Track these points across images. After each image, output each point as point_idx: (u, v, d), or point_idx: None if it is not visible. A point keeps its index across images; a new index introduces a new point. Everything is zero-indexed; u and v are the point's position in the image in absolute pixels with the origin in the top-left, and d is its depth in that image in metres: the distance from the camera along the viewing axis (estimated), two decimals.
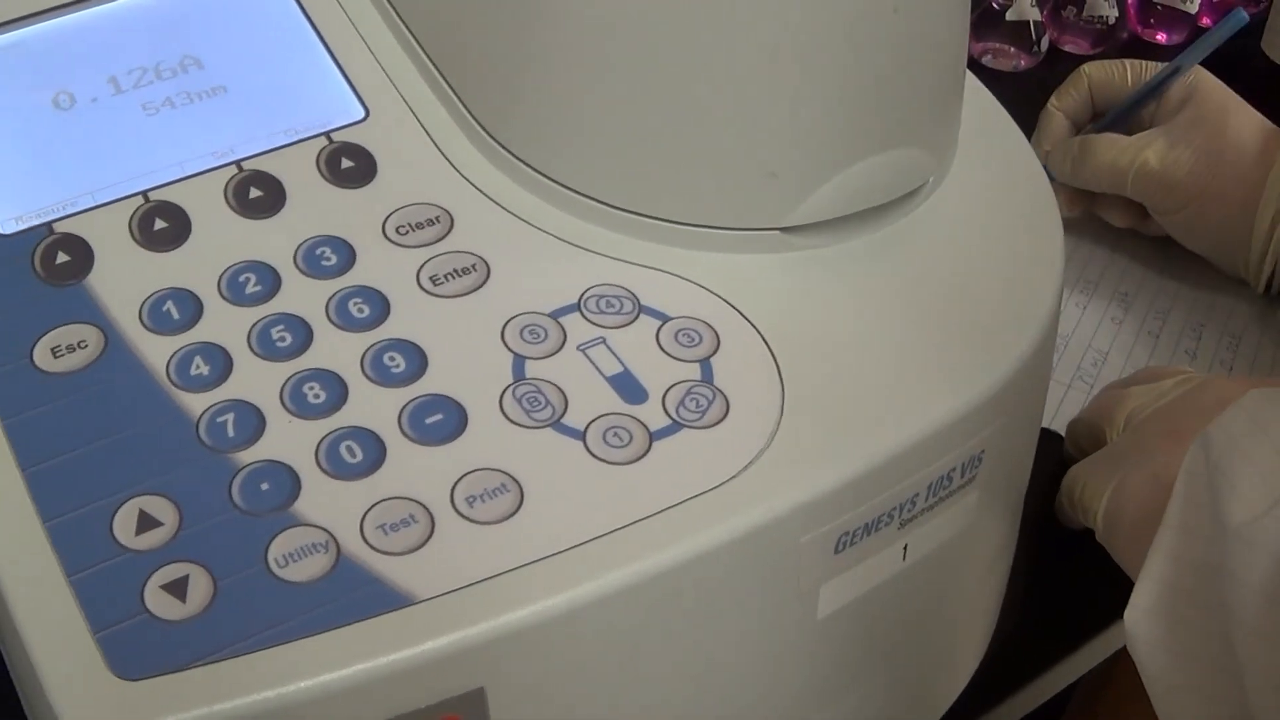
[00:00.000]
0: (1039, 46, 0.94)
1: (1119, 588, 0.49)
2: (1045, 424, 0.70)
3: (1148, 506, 0.55)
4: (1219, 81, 0.80)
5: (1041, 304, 0.49)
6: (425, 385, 0.43)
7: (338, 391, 0.43)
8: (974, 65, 0.93)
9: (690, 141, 0.45)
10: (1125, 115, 0.80)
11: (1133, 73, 0.81)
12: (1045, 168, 0.81)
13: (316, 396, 0.43)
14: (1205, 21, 0.99)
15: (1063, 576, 0.65)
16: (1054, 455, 0.68)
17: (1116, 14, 0.97)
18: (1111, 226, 0.83)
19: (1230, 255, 0.79)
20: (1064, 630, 0.64)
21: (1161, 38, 1.01)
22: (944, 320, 0.48)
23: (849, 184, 0.47)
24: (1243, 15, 0.80)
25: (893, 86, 0.46)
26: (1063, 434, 0.70)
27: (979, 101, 0.57)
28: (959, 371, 0.46)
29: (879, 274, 0.48)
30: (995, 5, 0.92)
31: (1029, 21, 0.92)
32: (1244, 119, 0.79)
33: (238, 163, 0.48)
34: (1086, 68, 0.82)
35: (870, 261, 0.48)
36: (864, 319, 0.47)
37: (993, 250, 0.51)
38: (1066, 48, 0.97)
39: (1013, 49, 0.94)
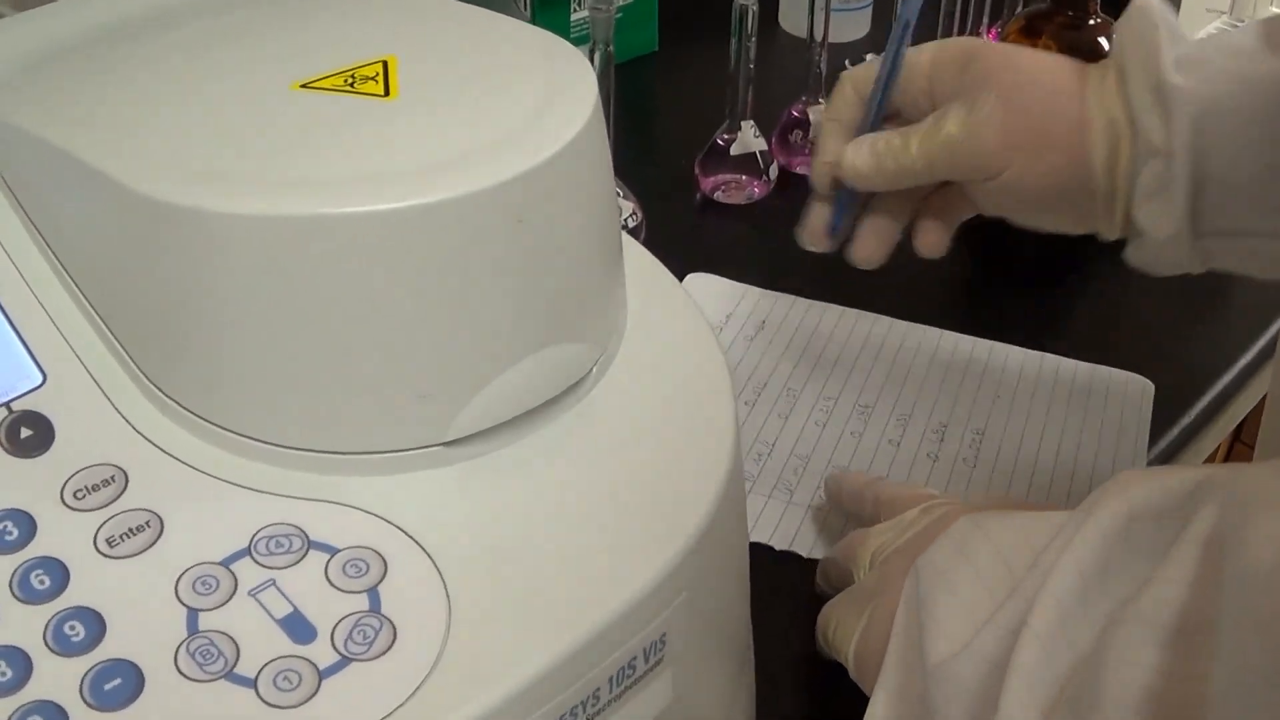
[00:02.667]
0: (768, 175, 0.96)
1: None
2: (786, 547, 0.72)
3: None
4: (990, 40, 0.72)
5: (715, 471, 0.51)
6: (104, 651, 0.44)
7: (22, 666, 0.44)
8: (708, 201, 0.96)
9: (338, 377, 0.47)
10: (882, 103, 0.72)
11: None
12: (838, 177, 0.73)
13: (3, 674, 0.44)
14: None
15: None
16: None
17: None
18: (844, 338, 0.84)
19: (1068, 205, 0.70)
20: None
21: None
22: (613, 511, 0.49)
23: (503, 391, 0.48)
24: None
25: (531, 292, 0.48)
26: (803, 554, 0.71)
27: (648, 271, 0.59)
28: (626, 561, 0.47)
29: (548, 472, 0.49)
30: (720, 141, 0.94)
31: (755, 153, 0.95)
32: (1037, 61, 0.70)
33: None
34: (844, 75, 0.74)
35: (539, 460, 0.50)
36: (533, 522, 0.48)
37: (663, 428, 0.52)
38: (799, 170, 0.99)
39: (744, 178, 0.96)
